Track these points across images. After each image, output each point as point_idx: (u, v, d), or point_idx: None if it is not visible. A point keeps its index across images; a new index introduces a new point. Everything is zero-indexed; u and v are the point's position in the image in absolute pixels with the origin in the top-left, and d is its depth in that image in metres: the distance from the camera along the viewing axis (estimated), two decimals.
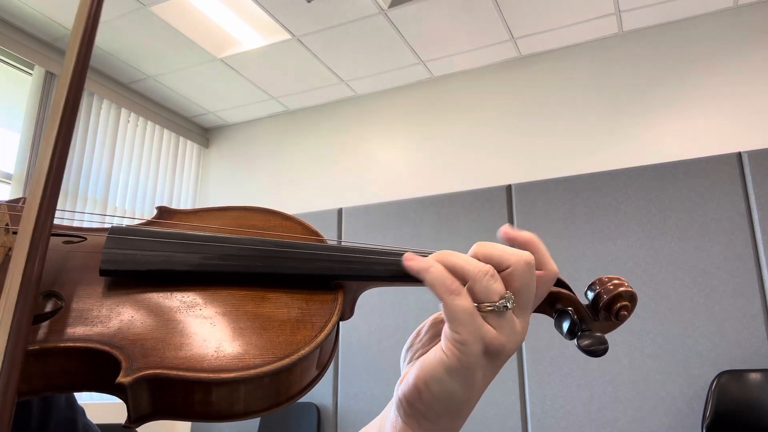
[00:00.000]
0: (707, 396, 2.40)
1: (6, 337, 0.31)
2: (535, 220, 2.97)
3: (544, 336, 2.75)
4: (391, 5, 3.02)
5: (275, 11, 3.08)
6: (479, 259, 0.42)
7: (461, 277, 0.41)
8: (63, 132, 0.38)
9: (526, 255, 0.42)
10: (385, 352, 3.13)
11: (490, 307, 0.40)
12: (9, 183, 3.20)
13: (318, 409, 3.21)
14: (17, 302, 0.32)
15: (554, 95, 3.38)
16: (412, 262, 0.42)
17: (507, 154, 3.40)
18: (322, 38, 3.32)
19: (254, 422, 3.34)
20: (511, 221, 3.04)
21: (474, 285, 0.40)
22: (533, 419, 2.74)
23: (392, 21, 3.17)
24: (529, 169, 3.27)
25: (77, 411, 0.57)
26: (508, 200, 3.08)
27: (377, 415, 0.49)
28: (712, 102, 3.00)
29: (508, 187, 3.11)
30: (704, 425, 2.35)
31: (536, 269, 0.43)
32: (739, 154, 2.66)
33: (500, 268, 0.42)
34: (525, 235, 0.45)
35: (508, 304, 0.40)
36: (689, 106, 3.04)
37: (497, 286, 0.40)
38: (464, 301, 0.40)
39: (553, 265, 0.44)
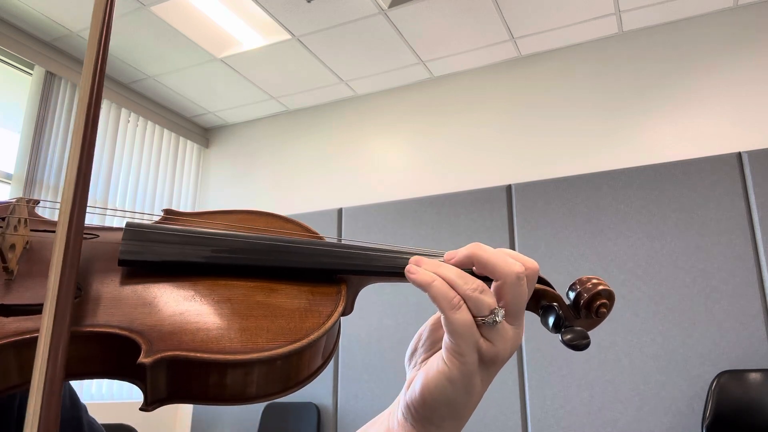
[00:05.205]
0: (707, 396, 2.40)
1: (51, 323, 0.33)
2: (535, 220, 2.97)
3: (544, 336, 2.75)
4: (391, 5, 3.02)
5: (275, 11, 3.08)
6: (472, 265, 0.44)
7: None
8: (87, 140, 0.42)
9: (516, 267, 0.43)
10: (385, 352, 3.13)
11: (481, 320, 0.42)
12: (9, 183, 3.20)
13: (318, 409, 3.21)
14: (59, 289, 0.34)
15: (554, 95, 3.38)
16: (415, 275, 0.43)
17: (507, 154, 3.40)
18: (322, 38, 3.32)
19: (254, 422, 3.35)
20: (511, 221, 3.04)
21: (466, 301, 0.42)
22: (533, 419, 2.74)
23: (392, 21, 3.17)
24: (529, 169, 3.27)
25: (81, 409, 0.57)
26: (508, 200, 3.08)
27: (377, 414, 0.49)
28: (712, 102, 3.00)
29: (508, 187, 3.11)
30: (704, 425, 2.35)
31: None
32: (739, 154, 2.66)
33: (493, 278, 0.43)
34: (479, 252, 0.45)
35: (497, 318, 0.42)
36: (689, 106, 3.04)
37: (487, 300, 0.42)
38: (464, 315, 0.42)
39: (531, 262, 0.45)
